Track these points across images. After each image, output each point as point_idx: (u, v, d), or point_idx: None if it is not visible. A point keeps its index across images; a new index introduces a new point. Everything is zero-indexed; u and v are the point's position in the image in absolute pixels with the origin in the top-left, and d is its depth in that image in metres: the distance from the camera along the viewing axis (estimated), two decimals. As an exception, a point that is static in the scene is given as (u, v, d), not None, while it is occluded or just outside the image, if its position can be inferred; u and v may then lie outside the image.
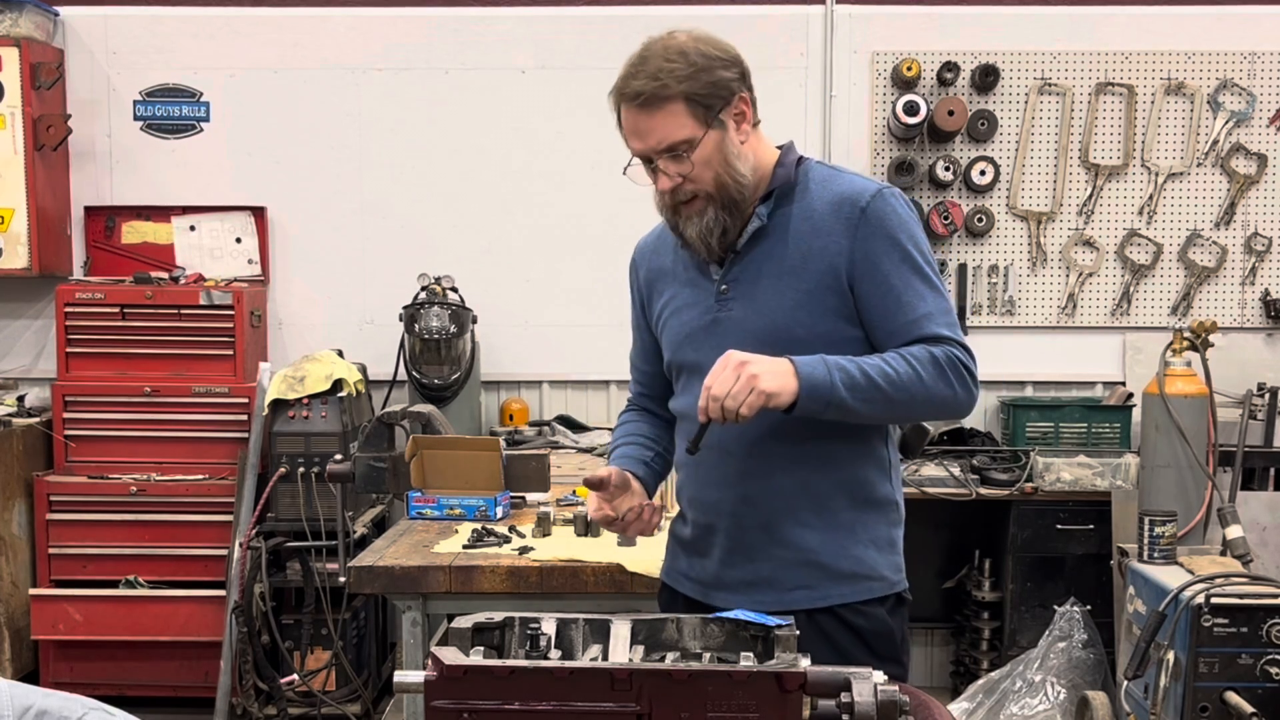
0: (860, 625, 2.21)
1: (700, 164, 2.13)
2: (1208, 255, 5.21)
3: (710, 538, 2.28)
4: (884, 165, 5.18)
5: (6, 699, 1.63)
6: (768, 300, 2.18)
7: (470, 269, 5.17)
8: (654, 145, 2.13)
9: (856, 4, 5.21)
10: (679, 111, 2.10)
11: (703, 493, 2.27)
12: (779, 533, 2.20)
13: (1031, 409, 5.01)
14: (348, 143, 5.31)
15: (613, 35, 5.17)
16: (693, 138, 2.12)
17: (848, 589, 2.21)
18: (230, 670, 4.63)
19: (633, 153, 2.18)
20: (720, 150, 2.14)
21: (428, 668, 1.59)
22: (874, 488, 2.25)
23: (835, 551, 2.21)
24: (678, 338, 2.30)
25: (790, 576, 2.20)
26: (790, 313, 2.16)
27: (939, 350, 2.10)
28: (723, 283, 2.23)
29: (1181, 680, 3.30)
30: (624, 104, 2.14)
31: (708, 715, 1.56)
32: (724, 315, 2.22)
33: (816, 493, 2.20)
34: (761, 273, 2.19)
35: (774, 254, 2.19)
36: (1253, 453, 4.77)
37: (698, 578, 2.32)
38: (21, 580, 4.87)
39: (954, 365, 2.10)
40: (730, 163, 2.15)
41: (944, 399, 2.11)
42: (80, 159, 5.29)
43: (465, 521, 3.43)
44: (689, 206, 2.17)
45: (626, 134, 2.17)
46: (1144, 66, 5.17)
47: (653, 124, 2.12)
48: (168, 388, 4.89)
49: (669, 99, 2.10)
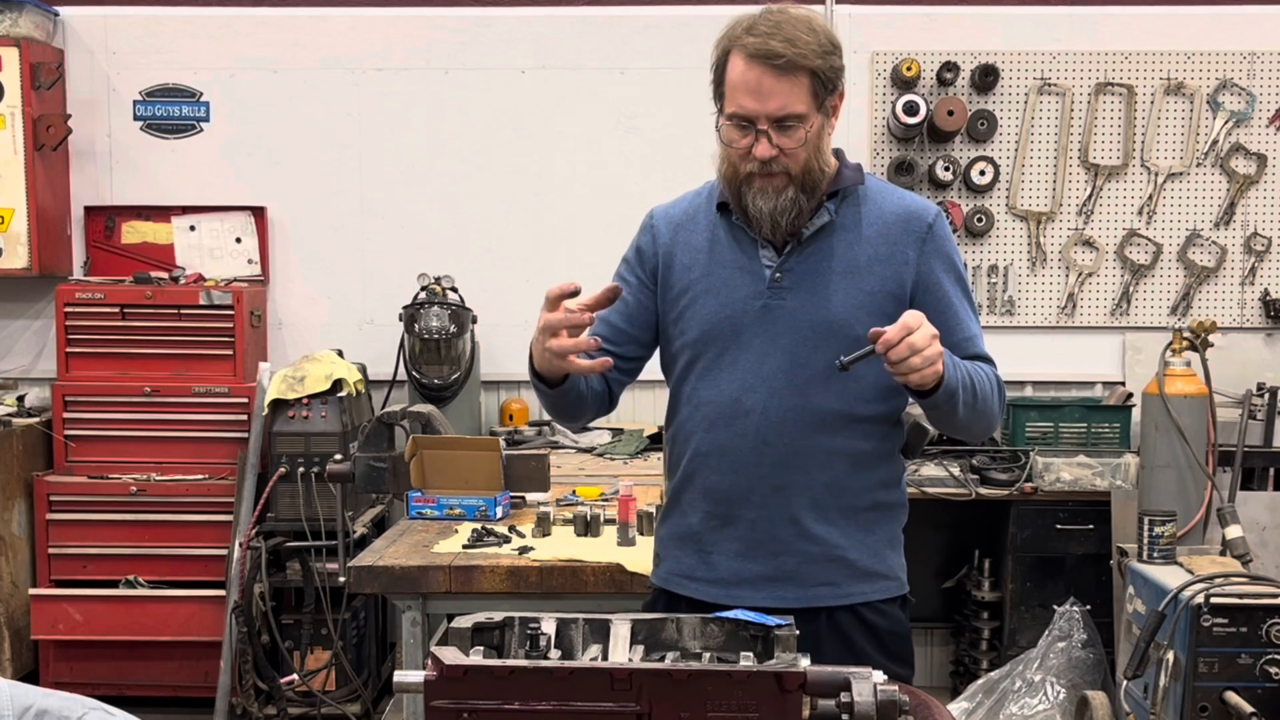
0: (878, 624, 2.23)
1: (801, 144, 2.12)
2: (1207, 255, 5.21)
3: (727, 529, 2.23)
4: (884, 165, 5.18)
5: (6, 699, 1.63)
6: (831, 295, 2.18)
7: (470, 269, 5.17)
8: (774, 110, 2.09)
9: (856, 4, 5.20)
10: (803, 85, 2.10)
11: (728, 482, 2.22)
12: (807, 528, 2.20)
13: (1031, 409, 5.01)
14: (348, 143, 5.31)
15: (613, 35, 5.17)
16: (806, 115, 2.11)
17: (869, 587, 2.23)
18: (230, 670, 4.63)
19: (738, 112, 2.11)
20: (819, 136, 2.15)
21: (428, 668, 1.59)
22: (893, 489, 2.30)
23: (860, 549, 2.22)
24: (714, 318, 2.22)
25: (815, 572, 2.20)
26: (853, 311, 2.18)
27: (990, 372, 2.21)
28: (778, 270, 2.20)
29: (1181, 680, 3.30)
30: (751, 60, 2.08)
31: (708, 715, 1.56)
32: (776, 303, 2.19)
33: (846, 490, 2.21)
34: (824, 268, 2.20)
35: (837, 252, 2.20)
36: (1252, 453, 4.77)
37: (707, 577, 2.26)
38: (21, 580, 4.87)
39: (1002, 389, 2.23)
40: (823, 150, 2.17)
41: (993, 419, 2.22)
42: (80, 159, 5.29)
43: (465, 521, 3.43)
44: (770, 180, 2.13)
45: (739, 90, 2.10)
46: (1144, 66, 5.17)
47: (780, 88, 2.08)
48: (168, 388, 4.89)
49: (800, 70, 2.08)
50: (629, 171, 5.16)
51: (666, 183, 2.31)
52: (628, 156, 5.21)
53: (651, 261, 2.31)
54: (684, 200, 2.35)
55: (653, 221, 2.34)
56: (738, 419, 2.20)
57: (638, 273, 2.32)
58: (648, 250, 2.32)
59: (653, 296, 2.31)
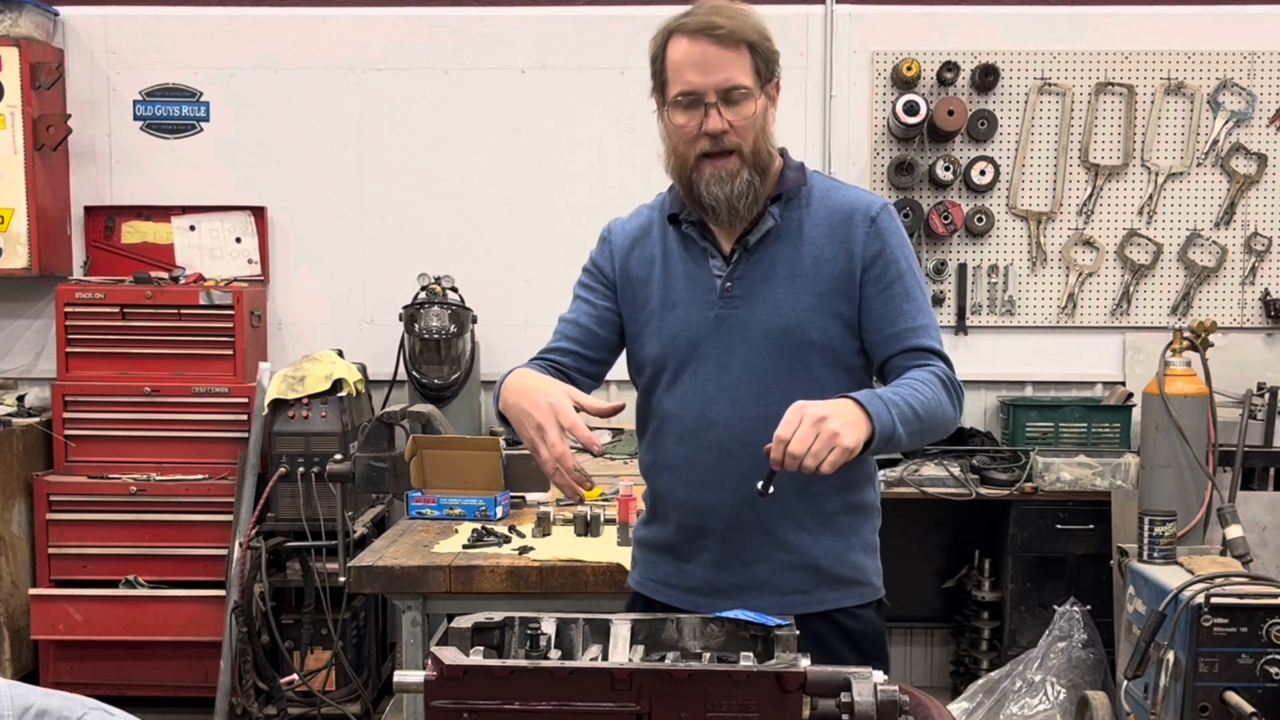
0: (852, 628, 2.22)
1: (749, 118, 2.11)
2: (1208, 255, 5.21)
3: (700, 541, 2.23)
4: (884, 165, 5.18)
5: (6, 699, 1.63)
6: (781, 301, 2.17)
7: (470, 269, 5.17)
8: (719, 82, 2.09)
9: (856, 4, 5.21)
10: (746, 58, 2.11)
11: (697, 494, 2.21)
12: (779, 536, 2.19)
13: (1031, 409, 5.01)
14: (348, 143, 5.31)
15: (613, 35, 5.17)
16: (751, 89, 2.11)
17: (842, 593, 2.22)
18: (230, 670, 4.63)
19: (685, 89, 2.11)
20: (763, 118, 2.14)
21: (428, 668, 1.59)
22: (864, 493, 2.27)
23: (832, 556, 2.21)
24: (671, 334, 2.22)
25: (787, 580, 2.19)
26: (804, 315, 2.16)
27: (938, 370, 2.12)
28: (728, 280, 2.19)
29: (1181, 680, 3.30)
30: (694, 36, 2.10)
31: (708, 715, 1.56)
32: (729, 313, 2.18)
33: (815, 497, 2.19)
34: (772, 273, 2.18)
35: (784, 256, 2.18)
36: (1252, 453, 4.77)
37: (682, 585, 2.26)
38: (21, 580, 4.87)
39: (953, 385, 2.13)
40: (768, 134, 2.16)
41: (949, 420, 2.12)
42: (80, 159, 5.29)
43: (465, 521, 3.43)
44: (723, 163, 2.11)
45: (684, 68, 2.11)
46: (1144, 66, 5.17)
47: (725, 58, 2.09)
48: (168, 388, 4.89)
49: (742, 43, 2.10)
50: (629, 171, 5.16)
51: (666, 182, 2.29)
52: (628, 156, 5.20)
53: (610, 276, 2.31)
54: (640, 214, 2.34)
55: (610, 236, 2.34)
56: (702, 432, 2.18)
57: (601, 280, 2.32)
58: (605, 266, 2.32)
59: (615, 301, 2.31)
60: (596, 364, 2.31)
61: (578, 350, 2.27)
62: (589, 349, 2.29)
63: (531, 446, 2.05)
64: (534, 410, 2.03)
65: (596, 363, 2.31)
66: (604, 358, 2.32)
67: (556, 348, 2.29)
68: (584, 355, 2.28)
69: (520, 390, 2.08)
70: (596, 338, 2.29)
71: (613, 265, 2.30)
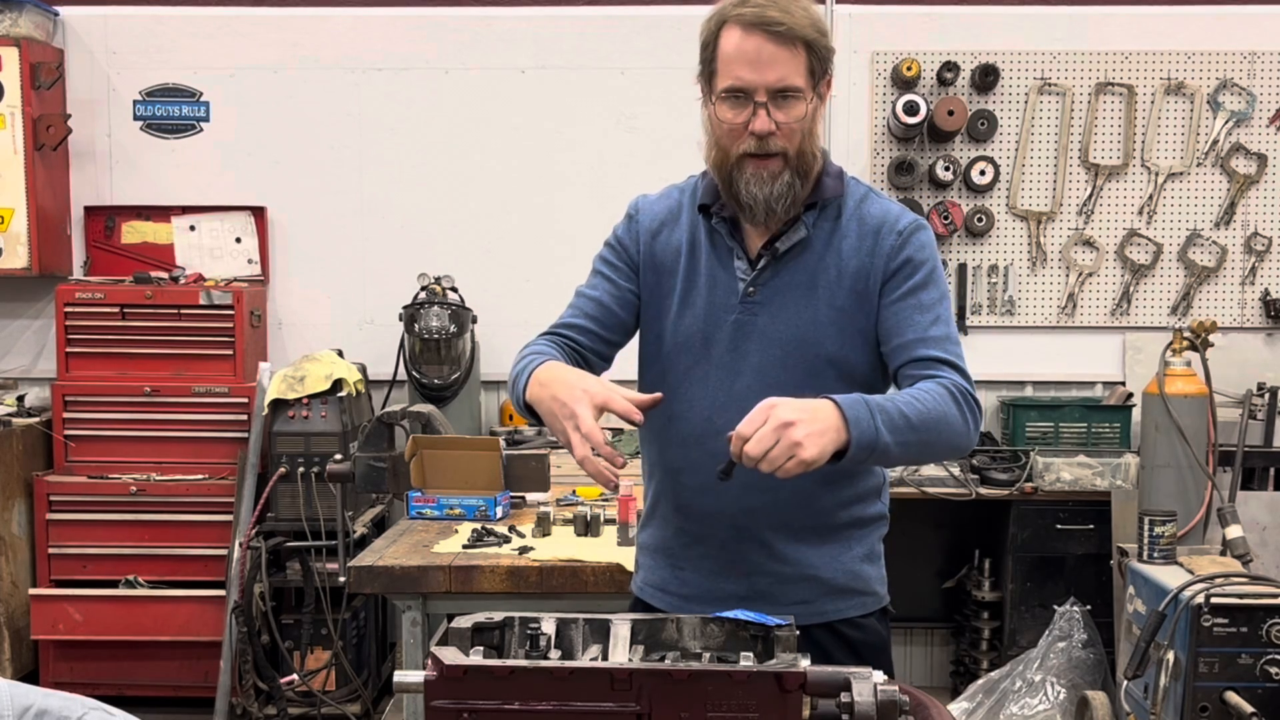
0: (855, 638, 2.18)
1: (799, 120, 2.03)
2: (1208, 255, 5.21)
3: (699, 547, 2.19)
4: (884, 165, 5.18)
5: (6, 699, 1.63)
6: (801, 313, 2.11)
7: (470, 269, 5.18)
8: (773, 81, 2.00)
9: (856, 4, 5.20)
10: (801, 57, 2.02)
11: (698, 501, 2.16)
12: (779, 547, 2.15)
13: (1031, 409, 5.01)
14: (348, 143, 5.31)
15: (613, 35, 5.16)
16: (804, 90, 2.03)
17: (844, 604, 2.18)
18: (230, 670, 4.63)
19: (735, 84, 2.02)
20: (812, 120, 2.07)
21: (428, 668, 1.59)
22: (871, 504, 2.22)
23: (834, 567, 2.17)
24: (688, 331, 2.16)
25: (788, 591, 2.15)
26: (823, 329, 2.11)
27: (947, 382, 2.02)
28: (751, 284, 2.13)
29: (1181, 680, 3.30)
30: (749, 29, 2.00)
31: (708, 715, 1.55)
32: (747, 319, 2.12)
33: (819, 508, 2.15)
34: (796, 284, 2.12)
35: (809, 266, 2.13)
36: (1252, 453, 4.77)
37: (680, 591, 2.22)
38: (21, 580, 4.87)
39: (965, 398, 2.02)
40: (815, 135, 2.09)
41: (960, 435, 2.01)
42: (80, 159, 5.29)
43: (465, 521, 3.43)
44: (766, 164, 2.05)
45: (736, 62, 2.01)
46: (1144, 66, 5.17)
47: (780, 56, 2.00)
48: (168, 388, 4.89)
49: (798, 40, 2.01)
50: (629, 171, 5.16)
51: (666, 183, 2.29)
52: (628, 156, 5.20)
53: (634, 257, 2.23)
54: (669, 195, 2.26)
55: (638, 214, 2.25)
56: (709, 439, 2.09)
57: (624, 259, 2.24)
58: (630, 246, 2.24)
59: (637, 283, 2.23)
60: (611, 345, 2.24)
61: (595, 330, 2.20)
62: (606, 330, 2.21)
63: (562, 434, 1.95)
64: (568, 399, 1.93)
65: (611, 344, 2.24)
66: (618, 340, 2.25)
67: (574, 324, 2.21)
68: (600, 335, 2.21)
69: (550, 381, 1.99)
70: (616, 319, 2.22)
71: (638, 246, 2.23)
